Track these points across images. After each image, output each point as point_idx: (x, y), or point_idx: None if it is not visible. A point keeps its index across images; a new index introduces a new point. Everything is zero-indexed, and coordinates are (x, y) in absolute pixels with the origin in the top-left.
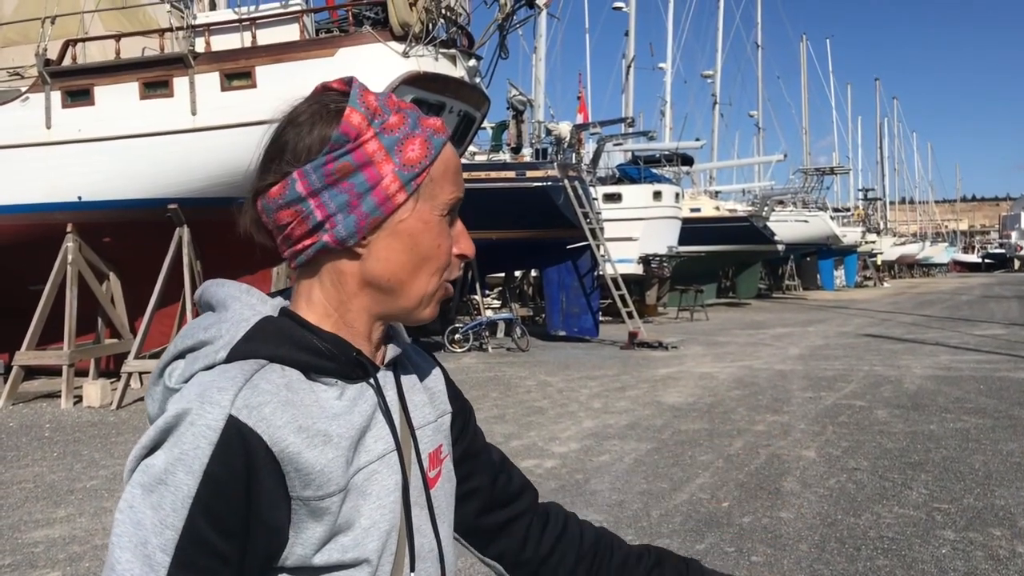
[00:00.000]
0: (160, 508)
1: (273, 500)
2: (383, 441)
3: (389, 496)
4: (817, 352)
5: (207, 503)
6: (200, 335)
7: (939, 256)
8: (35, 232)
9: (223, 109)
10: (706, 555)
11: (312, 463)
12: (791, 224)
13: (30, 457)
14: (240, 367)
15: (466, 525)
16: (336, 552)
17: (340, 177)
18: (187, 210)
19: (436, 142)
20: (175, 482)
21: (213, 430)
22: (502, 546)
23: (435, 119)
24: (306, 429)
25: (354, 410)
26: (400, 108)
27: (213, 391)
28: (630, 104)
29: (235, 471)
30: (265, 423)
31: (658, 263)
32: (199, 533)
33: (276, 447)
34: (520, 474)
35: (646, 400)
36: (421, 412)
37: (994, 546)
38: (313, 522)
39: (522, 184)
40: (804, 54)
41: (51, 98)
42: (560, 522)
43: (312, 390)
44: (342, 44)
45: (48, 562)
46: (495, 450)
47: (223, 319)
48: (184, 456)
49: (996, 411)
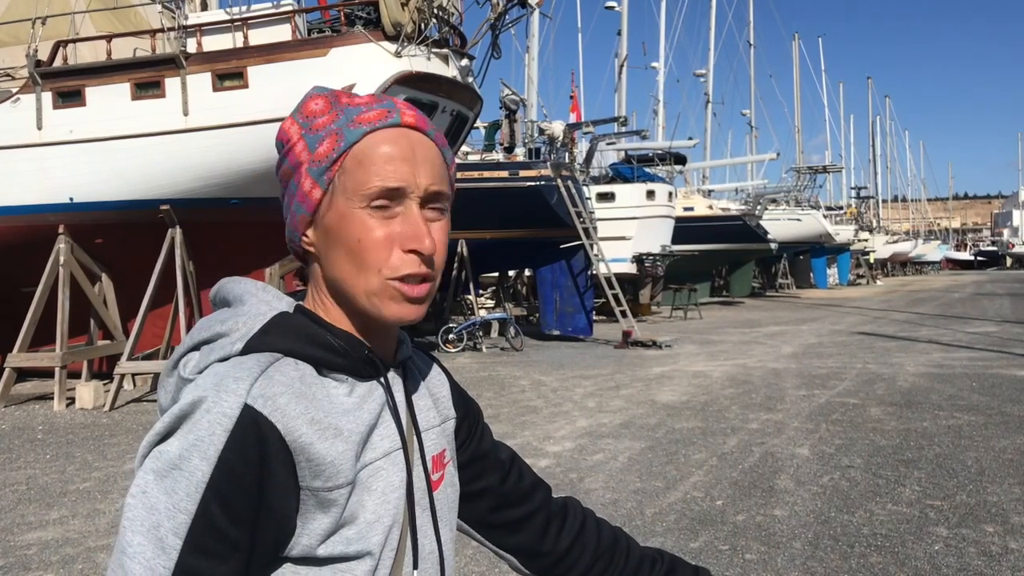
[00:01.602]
0: (174, 493)
1: (284, 489)
2: (389, 439)
3: (393, 493)
4: (810, 350)
5: (220, 489)
6: (217, 328)
7: (932, 254)
8: (27, 234)
9: (215, 109)
10: (700, 553)
11: (323, 454)
12: (784, 223)
13: (23, 459)
14: (256, 359)
15: (480, 522)
16: (340, 544)
17: (284, 181)
18: (179, 211)
19: (349, 134)
20: (190, 467)
21: (229, 417)
22: (518, 541)
23: (373, 112)
24: (318, 421)
25: (363, 407)
26: (343, 107)
27: (229, 380)
28: (623, 103)
29: (249, 458)
30: (280, 413)
31: (651, 262)
32: (211, 518)
33: (289, 436)
34: (531, 472)
35: (640, 399)
36: (426, 415)
37: (987, 542)
38: (320, 513)
39: (515, 184)
40: (796, 53)
41: (42, 99)
42: (578, 520)
43: (324, 385)
44: (334, 44)
45: (41, 564)
46: (504, 449)
47: (240, 313)
48: (199, 442)
49: (988, 408)
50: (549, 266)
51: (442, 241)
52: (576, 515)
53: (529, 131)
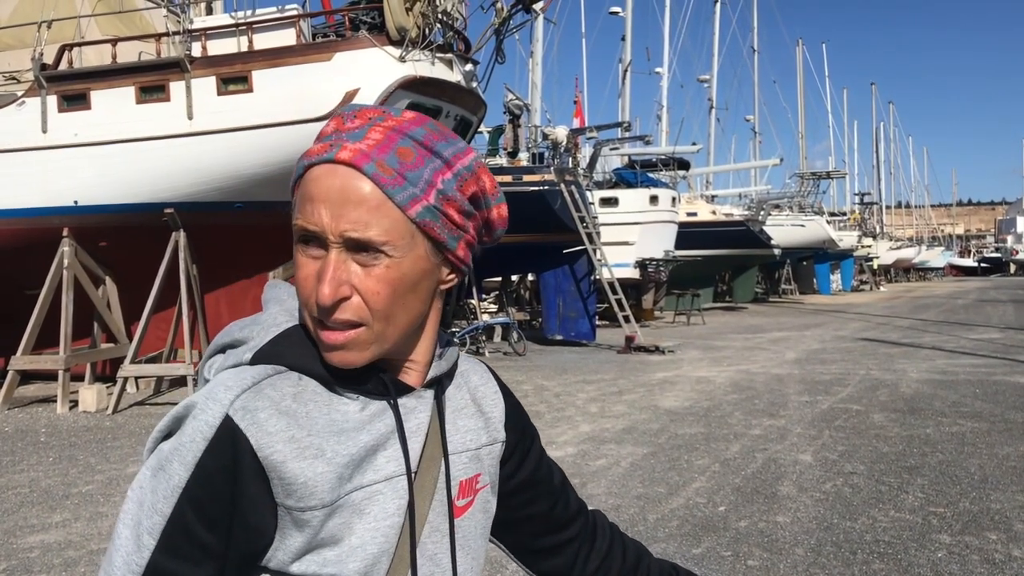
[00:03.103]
0: (155, 492)
1: (256, 503)
2: (394, 463)
3: (386, 520)
4: (814, 356)
5: (194, 495)
6: (236, 334)
7: (935, 260)
8: (31, 236)
9: (220, 113)
10: (703, 560)
11: (296, 474)
12: (787, 228)
13: (25, 462)
14: (255, 371)
15: (521, 545)
16: (315, 565)
17: None
18: (183, 214)
19: (298, 167)
20: (170, 470)
21: (210, 426)
22: (551, 565)
23: (320, 144)
24: (298, 440)
25: (367, 428)
26: (334, 131)
27: (220, 389)
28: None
29: (224, 467)
30: (256, 427)
31: (655, 267)
32: (184, 522)
33: (262, 452)
34: (576, 497)
35: (643, 404)
36: (465, 437)
37: (990, 550)
38: (296, 531)
39: (519, 188)
40: (800, 59)
41: (47, 102)
42: (606, 540)
43: (328, 402)
44: (339, 48)
45: (44, 567)
46: (557, 472)
47: (258, 321)
48: (182, 447)
49: (992, 415)
50: (552, 271)
51: (372, 290)
52: (604, 536)
53: (533, 136)
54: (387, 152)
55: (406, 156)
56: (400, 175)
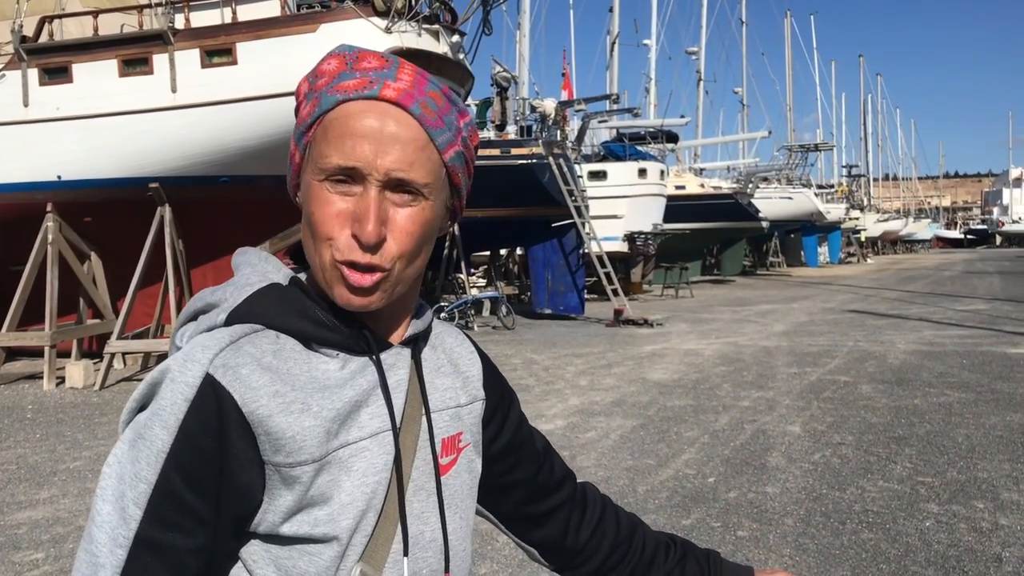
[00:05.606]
0: (136, 462)
1: (244, 461)
2: (380, 419)
3: (374, 476)
4: (801, 328)
5: (180, 458)
6: (208, 298)
7: (922, 232)
8: (14, 212)
9: (204, 86)
10: (692, 530)
11: (284, 428)
12: (775, 201)
13: (12, 439)
14: (231, 330)
15: (508, 514)
16: (306, 525)
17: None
18: (169, 188)
19: (325, 100)
20: (151, 436)
21: (190, 387)
22: (542, 534)
23: (356, 79)
24: (283, 395)
25: (351, 384)
26: (349, 70)
27: (198, 350)
28: (615, 81)
29: (209, 428)
30: (239, 383)
31: (643, 241)
32: (171, 488)
33: (247, 408)
34: (561, 463)
35: (632, 377)
36: (444, 395)
37: (977, 518)
38: (285, 490)
39: (507, 162)
40: (788, 30)
41: (28, 75)
42: (597, 510)
43: (308, 359)
44: (324, 20)
45: (31, 544)
46: (539, 438)
47: (230, 283)
48: (161, 411)
49: (979, 385)
50: (541, 245)
51: (406, 230)
52: (595, 505)
53: (520, 109)
54: (424, 95)
55: (437, 100)
56: (440, 118)
